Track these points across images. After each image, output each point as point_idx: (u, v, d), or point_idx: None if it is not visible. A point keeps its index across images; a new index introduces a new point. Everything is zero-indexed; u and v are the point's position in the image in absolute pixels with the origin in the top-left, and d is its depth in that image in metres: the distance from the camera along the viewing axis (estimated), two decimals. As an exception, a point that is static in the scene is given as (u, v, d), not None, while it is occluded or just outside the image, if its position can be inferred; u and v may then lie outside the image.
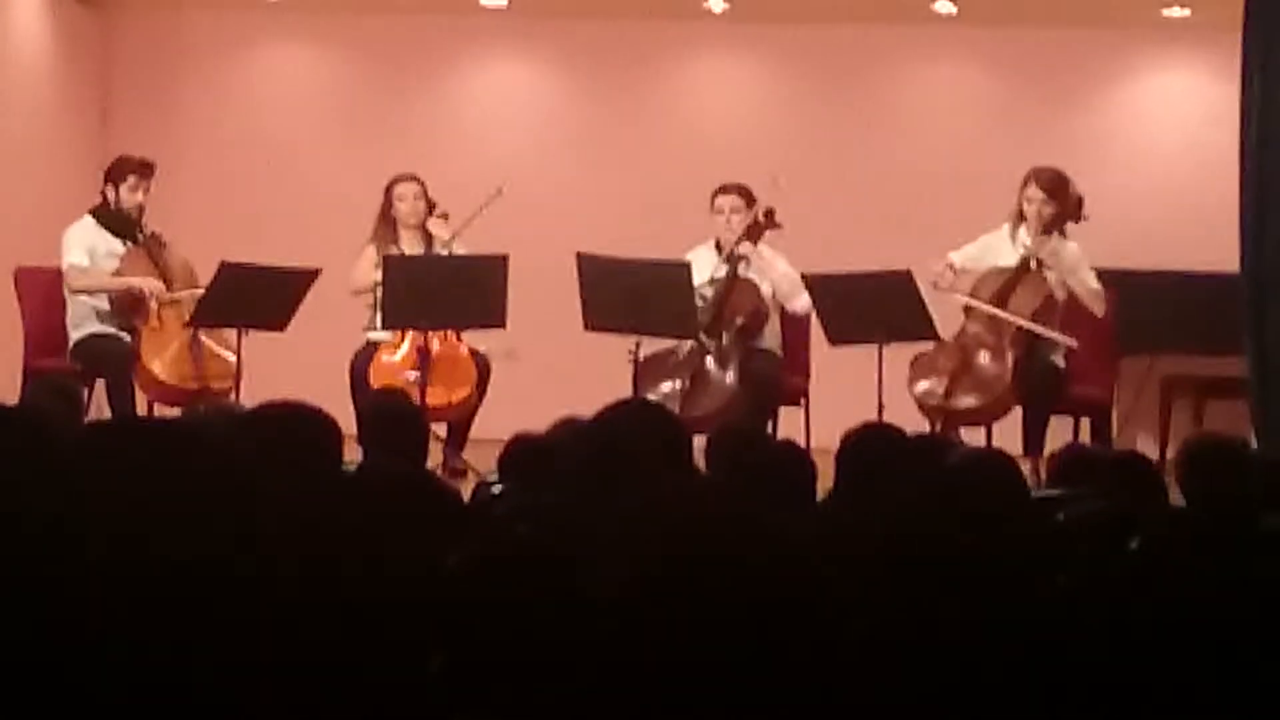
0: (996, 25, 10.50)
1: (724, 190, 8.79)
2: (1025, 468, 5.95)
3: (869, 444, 4.59)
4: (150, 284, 8.55)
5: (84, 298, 8.60)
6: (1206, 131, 10.02)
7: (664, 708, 2.63)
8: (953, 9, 10.32)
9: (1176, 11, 10.23)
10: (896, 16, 10.47)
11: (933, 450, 4.67)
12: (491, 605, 2.88)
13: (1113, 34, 10.47)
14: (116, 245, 8.65)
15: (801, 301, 8.60)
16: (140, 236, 8.63)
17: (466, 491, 5.36)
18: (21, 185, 9.76)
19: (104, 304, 8.59)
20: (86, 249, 8.60)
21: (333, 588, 2.93)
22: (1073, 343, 8.48)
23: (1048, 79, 10.53)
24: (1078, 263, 8.59)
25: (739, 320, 8.61)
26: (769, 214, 8.72)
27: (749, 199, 8.76)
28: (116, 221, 8.65)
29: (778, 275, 8.69)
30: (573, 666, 2.71)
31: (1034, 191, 8.60)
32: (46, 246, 8.82)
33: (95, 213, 8.71)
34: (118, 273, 8.61)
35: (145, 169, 8.69)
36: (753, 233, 8.72)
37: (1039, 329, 8.40)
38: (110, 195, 8.67)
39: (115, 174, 8.69)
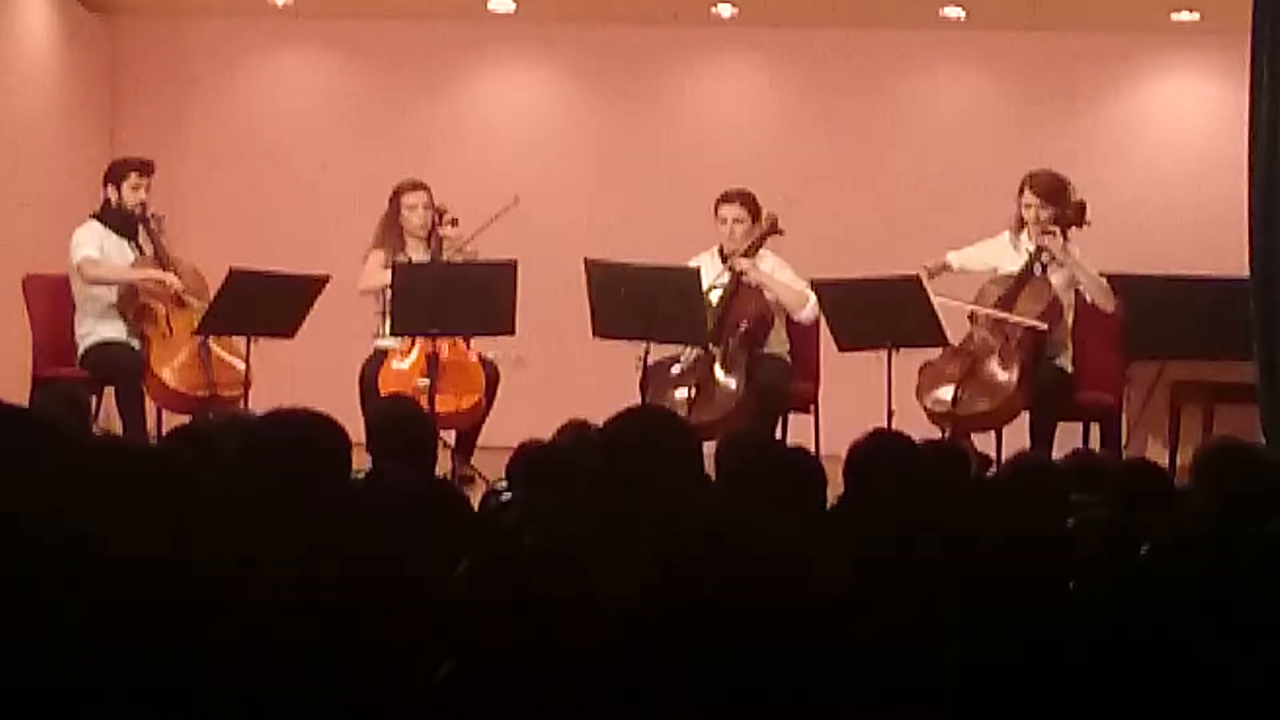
0: (1005, 29, 10.50)
1: (726, 199, 8.73)
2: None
3: (876, 452, 4.58)
4: (167, 275, 8.55)
5: (94, 297, 8.58)
6: (1215, 135, 10.01)
7: (672, 714, 2.62)
8: (961, 13, 10.31)
9: (1186, 15, 10.22)
10: (905, 21, 10.46)
11: (946, 456, 4.66)
12: (500, 612, 2.88)
13: (1122, 38, 10.46)
14: (125, 246, 8.67)
15: (807, 312, 8.58)
16: (147, 234, 8.64)
17: (475, 499, 5.36)
18: (29, 192, 9.76)
19: (114, 299, 8.58)
20: (97, 248, 8.60)
21: (341, 595, 2.92)
22: (1056, 339, 8.50)
23: (1056, 83, 10.51)
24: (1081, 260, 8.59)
25: (743, 326, 8.57)
26: (771, 222, 8.69)
27: (752, 207, 8.71)
28: (121, 222, 8.66)
29: (779, 289, 8.65)
30: (580, 673, 2.71)
31: (1029, 197, 8.63)
32: (54, 254, 8.83)
33: (99, 216, 8.71)
34: None
35: (145, 167, 8.72)
36: (755, 244, 8.68)
37: (1037, 324, 8.38)
38: (112, 196, 8.69)
39: (115, 175, 8.73)
